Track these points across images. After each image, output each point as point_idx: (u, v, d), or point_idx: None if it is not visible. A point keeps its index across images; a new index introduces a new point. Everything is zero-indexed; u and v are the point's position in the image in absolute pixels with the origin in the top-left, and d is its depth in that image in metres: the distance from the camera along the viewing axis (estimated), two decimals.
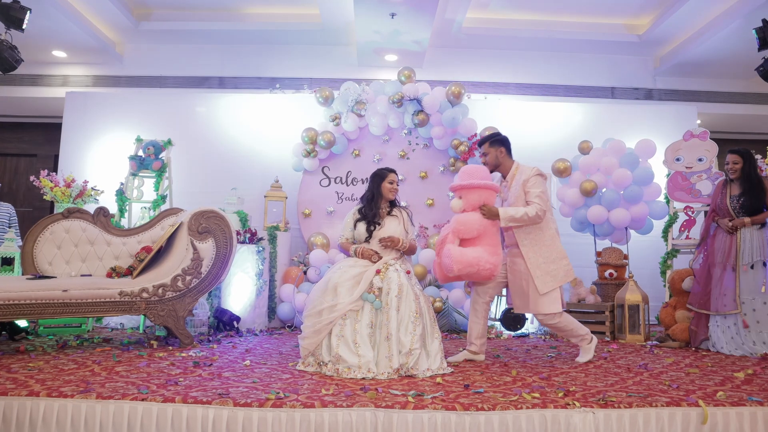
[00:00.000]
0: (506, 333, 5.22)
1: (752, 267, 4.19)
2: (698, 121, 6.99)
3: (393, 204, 3.79)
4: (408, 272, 3.50)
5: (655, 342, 4.68)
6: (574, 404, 2.47)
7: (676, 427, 2.44)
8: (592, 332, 4.85)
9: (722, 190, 4.45)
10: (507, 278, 3.78)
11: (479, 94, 7.06)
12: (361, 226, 3.67)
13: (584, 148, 5.79)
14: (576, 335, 3.81)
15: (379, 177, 3.75)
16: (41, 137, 8.64)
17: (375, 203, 3.72)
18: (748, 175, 4.31)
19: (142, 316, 5.04)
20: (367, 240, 3.63)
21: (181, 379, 2.87)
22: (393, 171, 3.79)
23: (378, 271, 3.38)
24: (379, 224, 3.65)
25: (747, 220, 4.23)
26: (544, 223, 3.68)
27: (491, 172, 3.85)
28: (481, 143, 3.88)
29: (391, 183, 3.72)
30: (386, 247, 3.60)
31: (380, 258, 3.54)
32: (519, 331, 5.23)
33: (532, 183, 3.66)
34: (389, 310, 3.25)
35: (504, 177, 3.85)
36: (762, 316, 4.12)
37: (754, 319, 4.13)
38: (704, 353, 4.15)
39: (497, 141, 3.82)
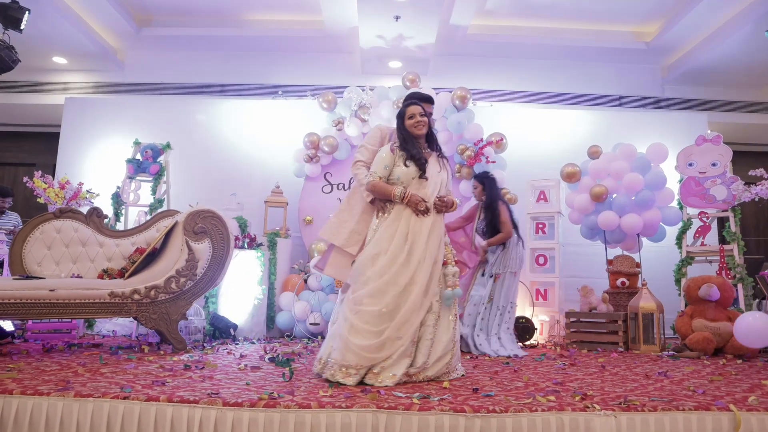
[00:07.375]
0: None
1: None
2: (709, 131, 6.82)
3: (430, 141, 3.11)
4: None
5: (671, 352, 4.45)
6: (594, 407, 2.26)
7: None
8: (605, 343, 4.73)
9: None
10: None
11: (485, 101, 6.92)
12: (411, 165, 2.95)
13: (594, 153, 5.63)
14: None
15: (399, 118, 3.09)
16: (41, 146, 8.50)
17: (411, 144, 3.02)
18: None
19: (136, 323, 4.85)
20: (421, 178, 2.94)
21: (169, 380, 2.67)
22: (415, 103, 3.07)
23: (449, 262, 2.98)
24: (426, 162, 3.00)
25: None
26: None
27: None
28: None
29: (411, 118, 3.02)
30: (440, 210, 2.98)
31: (428, 210, 2.92)
32: (528, 341, 5.02)
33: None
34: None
35: None
36: None
37: None
38: (725, 362, 3.93)
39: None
